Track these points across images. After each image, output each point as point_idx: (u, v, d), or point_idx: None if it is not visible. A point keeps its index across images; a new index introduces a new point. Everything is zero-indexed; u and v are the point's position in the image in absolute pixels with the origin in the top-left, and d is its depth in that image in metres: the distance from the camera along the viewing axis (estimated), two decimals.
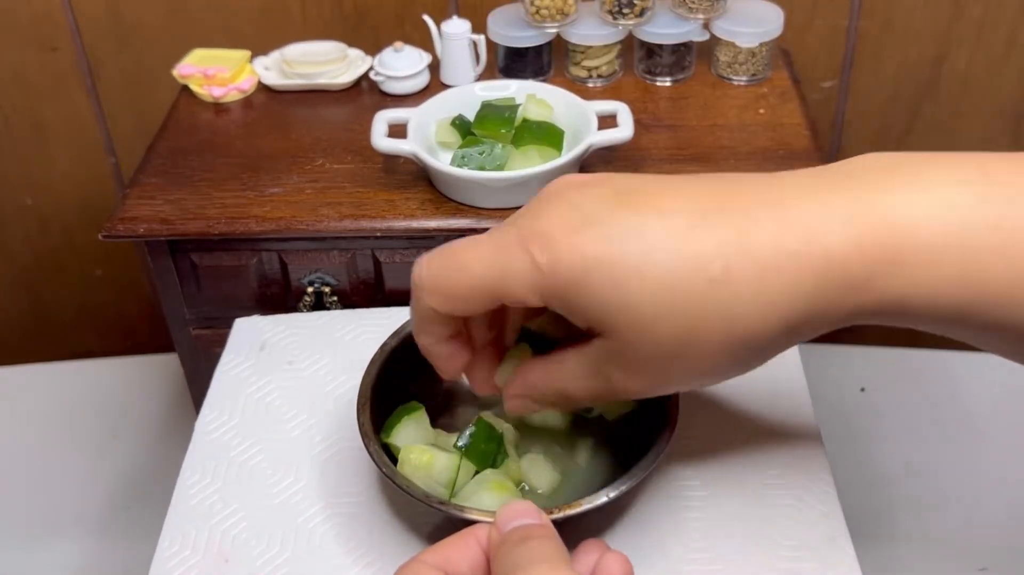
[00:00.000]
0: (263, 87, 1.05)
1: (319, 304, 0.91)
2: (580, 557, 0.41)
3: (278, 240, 0.88)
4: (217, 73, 1.02)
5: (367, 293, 0.92)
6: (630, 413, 0.56)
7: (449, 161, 0.87)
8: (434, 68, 1.04)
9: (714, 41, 1.03)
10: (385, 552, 0.55)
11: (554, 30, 1.02)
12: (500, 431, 0.56)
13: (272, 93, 1.05)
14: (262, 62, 1.07)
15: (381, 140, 0.87)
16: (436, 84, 1.03)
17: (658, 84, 1.04)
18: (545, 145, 0.86)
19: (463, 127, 0.90)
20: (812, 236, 0.42)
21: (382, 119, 0.90)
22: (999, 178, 0.42)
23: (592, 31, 1.01)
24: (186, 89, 1.05)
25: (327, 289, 0.91)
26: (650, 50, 1.03)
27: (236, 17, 1.15)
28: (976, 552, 1.14)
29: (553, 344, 0.50)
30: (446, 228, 0.86)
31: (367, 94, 1.04)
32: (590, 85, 1.04)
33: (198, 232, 0.87)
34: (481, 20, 1.04)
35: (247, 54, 1.06)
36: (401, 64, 1.02)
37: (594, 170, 0.90)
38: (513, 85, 0.94)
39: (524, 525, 0.39)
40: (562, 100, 0.91)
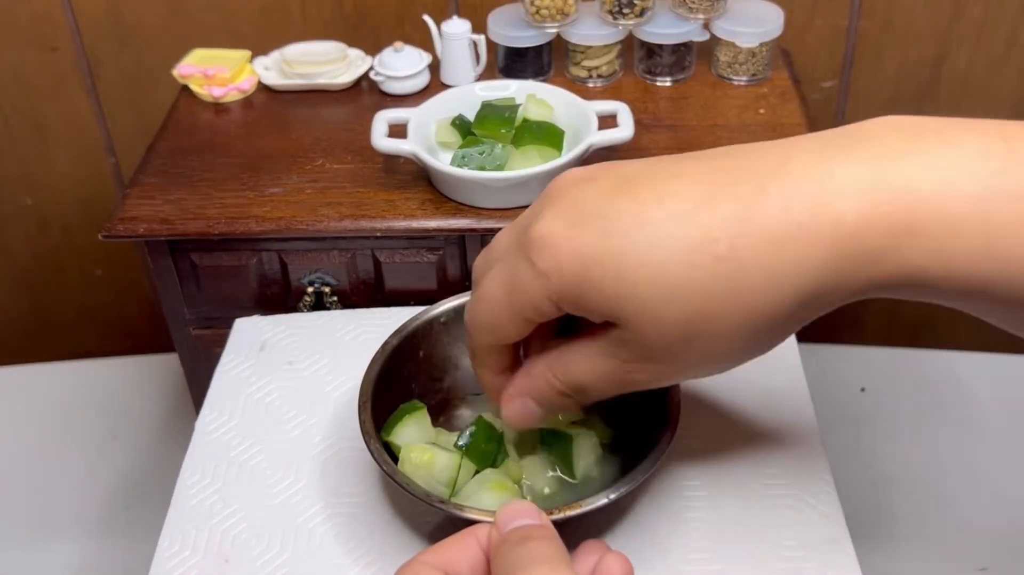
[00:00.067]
0: (263, 87, 1.05)
1: (319, 304, 0.91)
2: (580, 558, 0.40)
3: (278, 240, 0.88)
4: (217, 73, 1.02)
5: (367, 293, 0.92)
6: (628, 419, 0.56)
7: (449, 161, 0.87)
8: (434, 68, 1.04)
9: (714, 41, 1.03)
10: (385, 552, 0.55)
11: (554, 30, 1.02)
12: (500, 431, 0.56)
13: (272, 93, 1.05)
14: (262, 62, 1.07)
15: (381, 140, 0.87)
16: (436, 84, 1.03)
17: (658, 84, 1.04)
18: (545, 145, 0.86)
19: (463, 127, 0.90)
20: (822, 206, 0.40)
21: (382, 119, 0.90)
22: (1021, 146, 0.40)
23: (592, 31, 1.01)
24: (186, 89, 1.05)
25: (327, 289, 0.91)
26: (650, 50, 1.03)
27: (236, 17, 1.15)
28: (976, 552, 1.14)
29: None
30: (446, 228, 0.86)
31: (367, 94, 1.04)
32: (590, 85, 1.04)
33: (198, 232, 0.87)
34: (481, 20, 1.04)
35: (247, 54, 1.06)
36: (401, 64, 1.01)
37: None
38: (513, 85, 0.94)
39: (524, 525, 0.39)
40: (562, 100, 0.91)
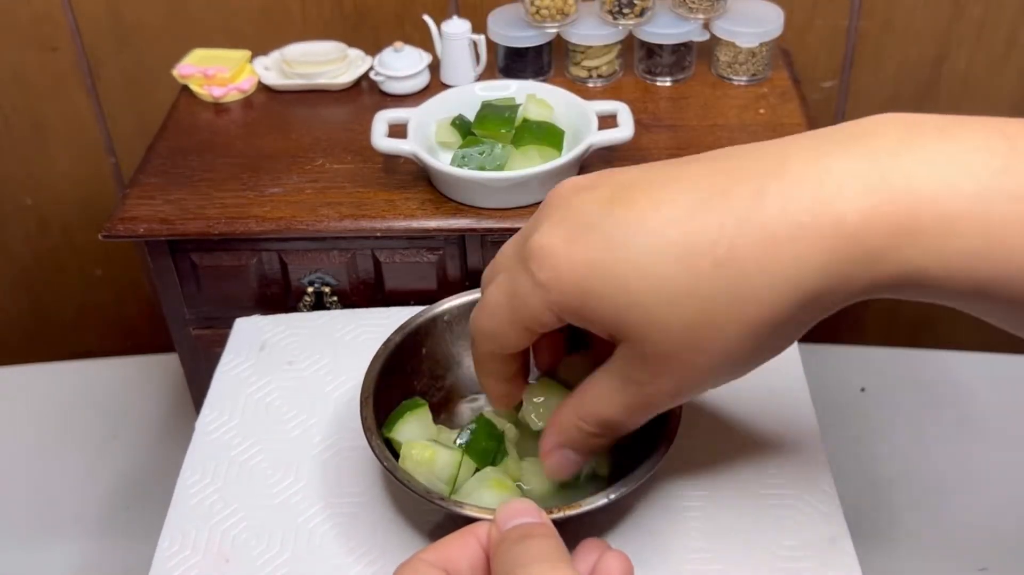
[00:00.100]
0: (263, 87, 1.05)
1: (319, 304, 0.91)
2: (580, 556, 0.40)
3: (278, 240, 0.88)
4: (217, 73, 1.02)
5: (367, 293, 0.92)
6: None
7: (449, 161, 0.87)
8: (434, 68, 1.04)
9: (714, 41, 1.03)
10: (385, 552, 0.56)
11: (554, 30, 1.02)
12: (501, 430, 0.56)
13: (272, 93, 1.05)
14: (262, 62, 1.07)
15: (381, 140, 0.87)
16: (436, 84, 1.03)
17: (658, 84, 1.04)
18: (545, 145, 0.86)
19: (463, 127, 0.90)
20: (822, 206, 0.40)
21: (382, 119, 0.90)
22: (1022, 144, 0.39)
23: (592, 31, 1.01)
24: (186, 89, 1.05)
25: (327, 289, 0.91)
26: (650, 50, 1.03)
27: (236, 17, 1.15)
28: (976, 552, 1.14)
29: None
30: (446, 228, 0.86)
31: (367, 94, 1.04)
32: (590, 85, 1.04)
33: (198, 232, 0.87)
34: (481, 20, 1.04)
35: (247, 54, 1.06)
36: (401, 64, 1.01)
37: (594, 170, 0.89)
38: (513, 85, 0.94)
39: (524, 523, 0.39)
40: (562, 100, 0.91)
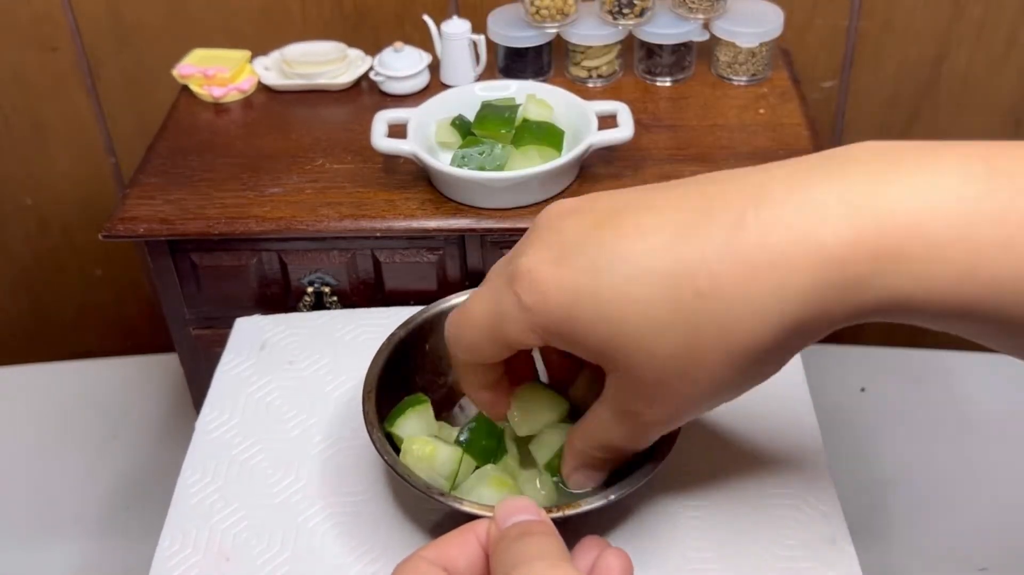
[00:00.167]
0: (263, 87, 1.05)
1: (319, 304, 0.91)
2: (580, 554, 0.41)
3: (278, 240, 0.88)
4: (217, 73, 1.02)
5: (367, 293, 0.92)
6: None
7: (449, 161, 0.87)
8: (434, 68, 1.04)
9: (714, 41, 1.03)
10: (385, 551, 0.56)
11: (554, 30, 1.02)
12: (501, 428, 0.56)
13: (272, 93, 1.05)
14: (262, 62, 1.07)
15: (381, 140, 0.87)
16: (436, 84, 1.03)
17: (658, 84, 1.04)
18: (545, 145, 0.86)
19: (463, 127, 0.90)
20: (802, 234, 0.40)
21: (382, 119, 0.90)
22: (1005, 169, 0.39)
23: (592, 31, 1.01)
24: (186, 89, 1.05)
25: (327, 289, 0.91)
26: (650, 50, 1.03)
27: (236, 17, 1.15)
28: (976, 552, 1.13)
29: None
30: (446, 228, 0.86)
31: (367, 94, 1.04)
32: (590, 85, 1.04)
33: (198, 232, 0.87)
34: (481, 20, 1.04)
35: (247, 54, 1.06)
36: (401, 64, 1.02)
37: (594, 171, 0.90)
38: (513, 85, 0.94)
39: (523, 521, 0.39)
40: (562, 100, 0.91)
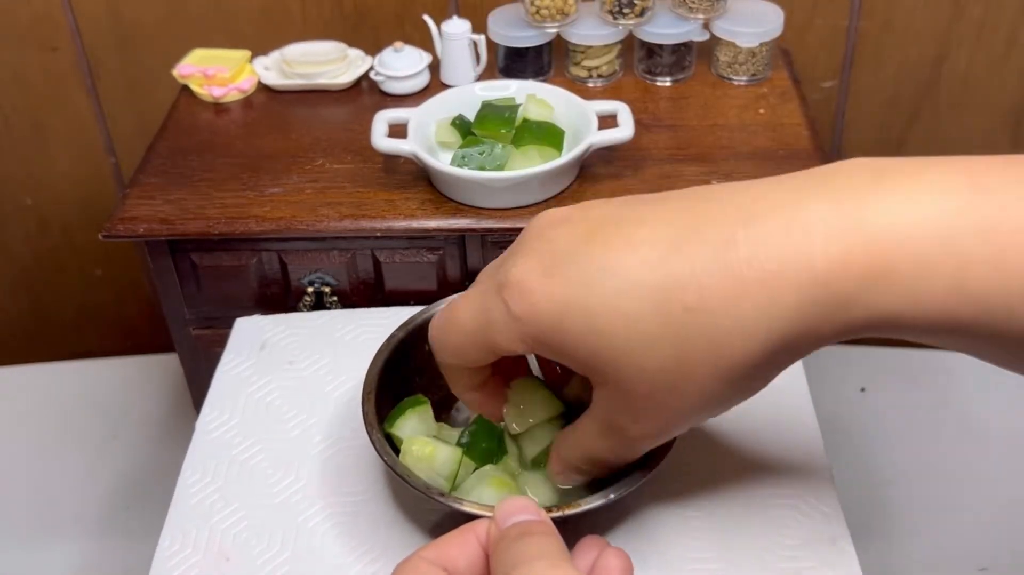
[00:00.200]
0: (263, 87, 1.05)
1: (319, 304, 0.91)
2: (580, 554, 0.41)
3: (278, 240, 0.88)
4: (217, 73, 1.02)
5: (367, 293, 0.92)
6: None
7: (449, 161, 0.87)
8: (434, 68, 1.04)
9: (714, 41, 1.03)
10: (385, 551, 0.56)
11: (554, 30, 1.02)
12: (500, 429, 0.56)
13: (272, 93, 1.05)
14: (262, 62, 1.07)
15: (381, 140, 0.87)
16: (436, 84, 1.03)
17: (658, 84, 1.04)
18: (545, 145, 0.86)
19: (463, 127, 0.90)
20: (790, 252, 0.40)
21: (382, 119, 0.90)
22: (988, 184, 0.40)
23: (592, 31, 1.01)
24: (186, 89, 1.05)
25: (327, 289, 0.91)
26: (650, 50, 1.03)
27: (236, 17, 1.15)
28: (976, 552, 1.13)
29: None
30: (446, 228, 0.86)
31: (367, 94, 1.04)
32: (590, 85, 1.04)
33: (198, 232, 0.87)
34: (481, 20, 1.04)
35: (247, 54, 1.06)
36: (401, 64, 1.02)
37: (594, 170, 0.90)
38: (513, 85, 0.94)
39: (523, 521, 0.39)
40: (562, 100, 0.91)
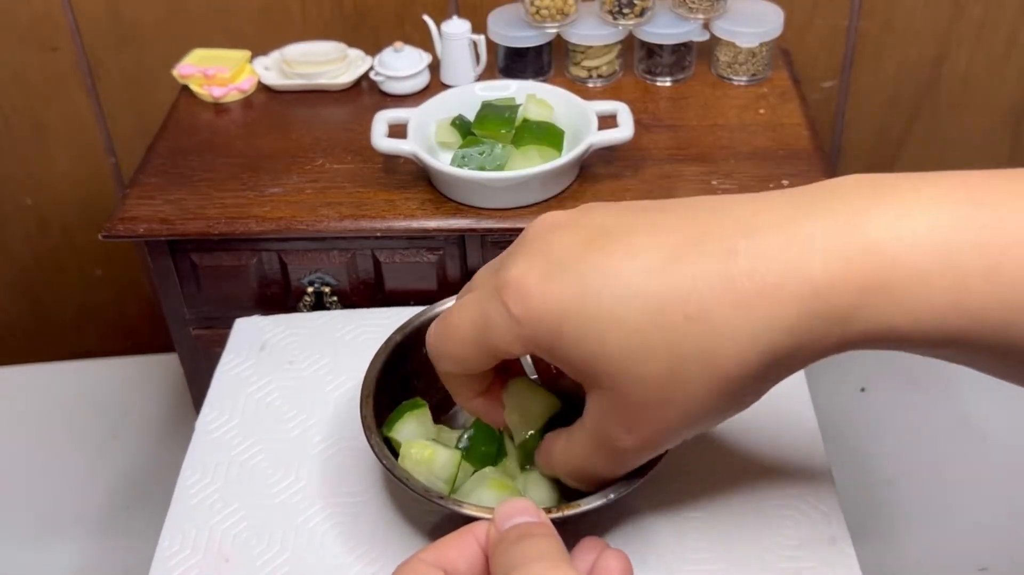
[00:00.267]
0: (263, 87, 1.05)
1: (319, 304, 0.91)
2: (579, 555, 0.41)
3: (278, 240, 0.88)
4: (217, 73, 1.02)
5: (367, 293, 0.92)
6: None
7: (449, 161, 0.87)
8: (434, 68, 1.04)
9: (714, 41, 1.03)
10: (385, 551, 0.56)
11: (554, 30, 1.02)
12: (499, 432, 0.56)
13: (272, 93, 1.05)
14: (262, 62, 1.07)
15: (381, 140, 0.87)
16: (436, 84, 1.03)
17: (658, 84, 1.04)
18: (545, 145, 0.86)
19: (463, 127, 0.90)
20: (792, 267, 0.40)
21: (382, 119, 0.90)
22: (985, 198, 0.40)
23: (592, 31, 1.01)
24: (186, 89, 1.05)
25: (327, 289, 0.91)
26: (650, 50, 1.03)
27: (236, 17, 1.15)
28: (976, 552, 1.13)
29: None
30: (446, 228, 0.86)
31: (367, 94, 1.04)
32: (590, 85, 1.04)
33: (198, 232, 0.87)
34: (481, 20, 1.04)
35: (247, 54, 1.06)
36: (401, 64, 1.02)
37: (594, 170, 0.90)
38: (513, 85, 0.94)
39: (523, 523, 0.39)
40: (562, 100, 0.91)
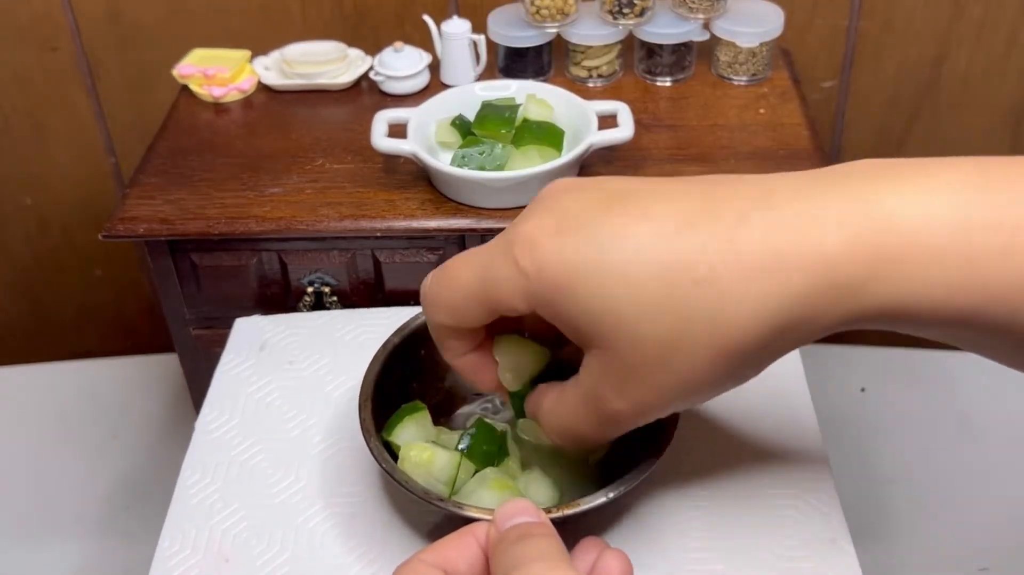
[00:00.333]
0: (263, 87, 1.05)
1: (319, 304, 0.91)
2: (579, 555, 0.40)
3: (278, 240, 0.88)
4: (217, 73, 1.02)
5: (367, 293, 0.92)
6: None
7: (449, 161, 0.87)
8: (434, 68, 1.04)
9: (714, 41, 1.03)
10: (385, 552, 0.55)
11: (554, 30, 1.02)
12: (501, 432, 0.56)
13: (272, 93, 1.05)
14: (262, 62, 1.07)
15: (381, 140, 0.87)
16: (436, 84, 1.03)
17: (658, 84, 1.04)
18: (545, 145, 0.86)
19: (463, 127, 0.90)
20: (804, 237, 0.41)
21: (382, 119, 0.90)
22: (1000, 179, 0.40)
23: (592, 31, 1.01)
24: (186, 89, 1.05)
25: (327, 289, 0.91)
26: (650, 50, 1.03)
27: (236, 17, 1.15)
28: (976, 552, 1.14)
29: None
30: (446, 228, 0.86)
31: (367, 94, 1.04)
32: (590, 85, 1.04)
33: (198, 232, 0.87)
34: (481, 20, 1.04)
35: (247, 54, 1.06)
36: (401, 64, 1.02)
37: (594, 170, 0.90)
38: (513, 85, 0.94)
39: (522, 523, 0.39)
40: (562, 100, 0.91)
